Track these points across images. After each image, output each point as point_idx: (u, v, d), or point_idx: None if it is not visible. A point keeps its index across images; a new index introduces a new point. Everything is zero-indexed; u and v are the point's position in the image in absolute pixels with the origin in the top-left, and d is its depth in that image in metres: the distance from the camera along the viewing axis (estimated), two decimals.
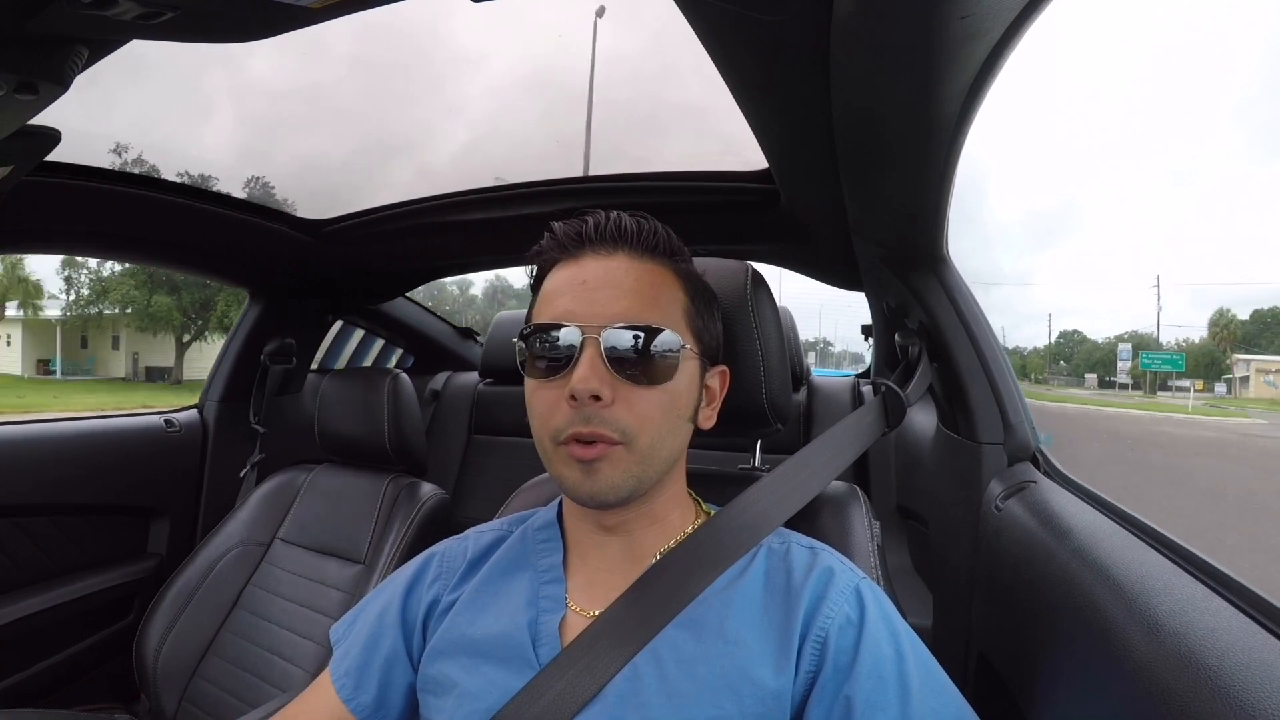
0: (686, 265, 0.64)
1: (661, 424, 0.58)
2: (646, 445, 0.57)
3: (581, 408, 0.55)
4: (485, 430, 2.16)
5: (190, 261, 1.66)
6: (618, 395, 0.56)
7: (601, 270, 0.59)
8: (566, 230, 0.61)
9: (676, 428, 0.60)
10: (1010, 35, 0.52)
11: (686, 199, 1.26)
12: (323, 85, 1.37)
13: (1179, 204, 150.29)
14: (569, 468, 0.57)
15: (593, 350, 0.56)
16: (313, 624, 1.25)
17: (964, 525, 1.01)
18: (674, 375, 0.58)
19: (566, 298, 0.58)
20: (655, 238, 0.61)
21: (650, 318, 0.57)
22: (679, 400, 0.59)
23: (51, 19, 0.58)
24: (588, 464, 0.56)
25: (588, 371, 0.55)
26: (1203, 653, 0.44)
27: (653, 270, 0.60)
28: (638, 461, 0.57)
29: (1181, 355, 28.11)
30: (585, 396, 0.54)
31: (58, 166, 1.14)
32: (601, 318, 0.56)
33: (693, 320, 0.61)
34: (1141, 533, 0.67)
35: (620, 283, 0.58)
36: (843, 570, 0.60)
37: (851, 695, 0.52)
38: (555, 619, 0.61)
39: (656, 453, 0.58)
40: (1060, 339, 54.48)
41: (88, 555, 1.52)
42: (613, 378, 0.55)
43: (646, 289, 0.59)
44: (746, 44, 0.63)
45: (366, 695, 0.65)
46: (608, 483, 0.56)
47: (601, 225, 0.60)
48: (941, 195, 0.84)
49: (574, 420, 0.56)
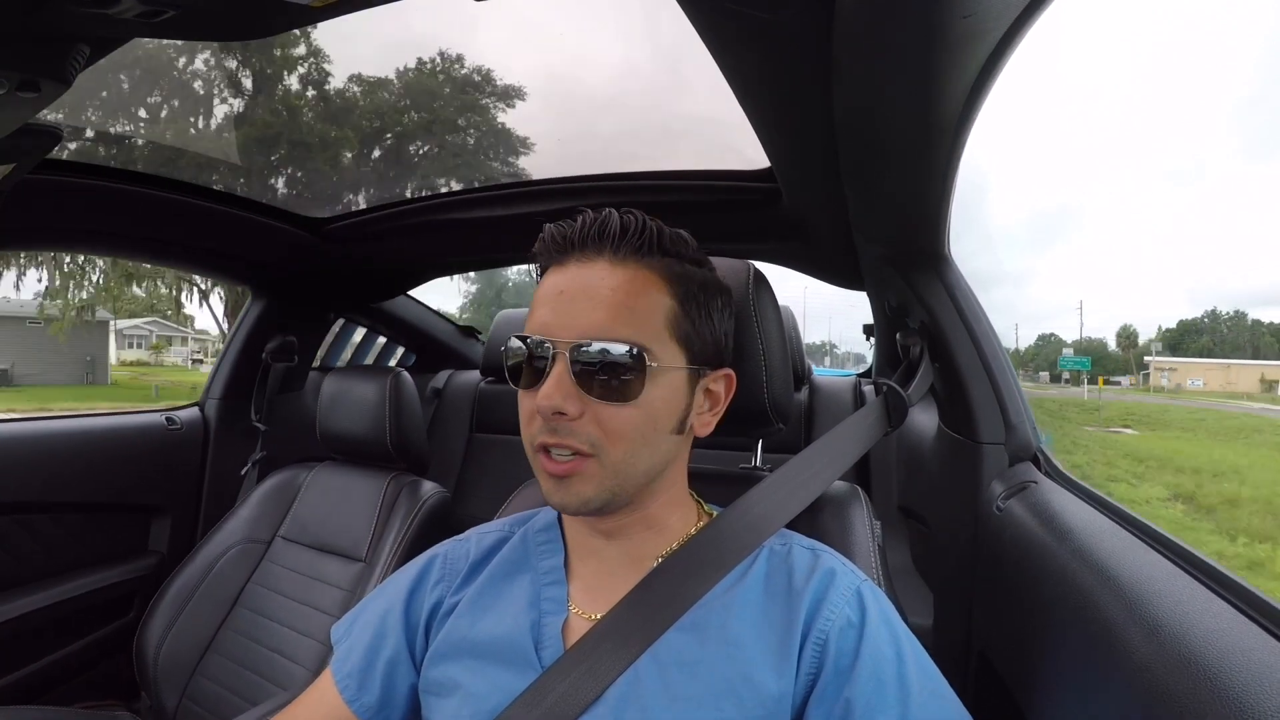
0: (680, 264, 0.60)
1: (634, 440, 0.56)
2: (618, 460, 0.56)
3: (548, 421, 0.55)
4: (486, 428, 2.16)
5: (192, 259, 1.66)
6: (587, 410, 0.55)
7: (581, 279, 0.58)
8: (554, 234, 0.60)
9: (653, 442, 0.58)
10: (1012, 34, 0.52)
11: (688, 198, 1.26)
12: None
13: (1177, 204, 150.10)
14: (544, 477, 0.58)
15: (560, 366, 0.55)
16: (313, 622, 1.26)
17: (965, 525, 1.01)
18: (641, 393, 0.56)
19: (545, 308, 0.58)
20: (641, 238, 0.58)
21: (623, 333, 0.55)
22: (655, 415, 0.57)
23: (53, 17, 0.58)
24: (558, 478, 0.56)
25: (552, 388, 0.55)
26: (1203, 654, 0.44)
27: (635, 276, 0.57)
28: (611, 475, 0.56)
29: (1088, 359, 36.61)
30: (548, 413, 0.55)
31: (59, 164, 1.14)
32: (572, 332, 0.56)
33: (678, 326, 0.59)
34: (1142, 534, 0.67)
35: (596, 294, 0.56)
36: (844, 572, 0.60)
37: (851, 698, 0.52)
38: (558, 621, 0.61)
39: (632, 466, 0.57)
40: (1039, 341, 62.74)
41: (88, 553, 1.52)
42: (580, 394, 0.55)
43: (623, 299, 0.56)
44: (748, 42, 0.63)
45: (370, 696, 0.65)
46: (578, 496, 0.56)
47: (586, 228, 0.59)
48: (943, 194, 0.84)
49: (545, 431, 0.56)
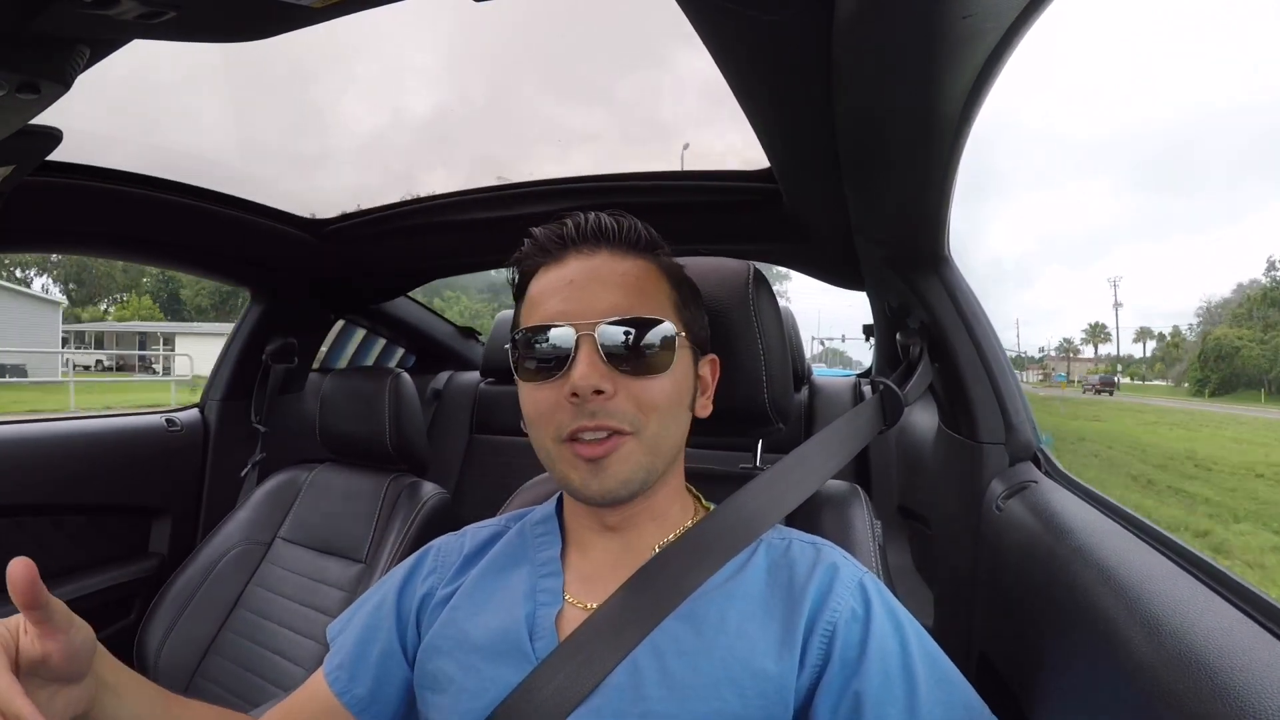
0: (668, 259, 0.65)
1: (666, 411, 0.58)
2: (654, 433, 0.58)
3: (584, 404, 0.55)
4: (486, 430, 2.16)
5: (192, 261, 1.66)
6: (619, 388, 0.56)
7: (587, 268, 0.60)
8: (548, 234, 0.62)
9: (679, 415, 0.61)
10: (1012, 34, 0.52)
11: (688, 198, 1.26)
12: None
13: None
14: (574, 468, 0.57)
15: (589, 347, 0.56)
16: (314, 623, 1.26)
17: (965, 525, 1.01)
18: (671, 364, 0.58)
19: (556, 298, 0.59)
20: (635, 233, 0.62)
21: (642, 310, 0.58)
22: (679, 388, 0.60)
23: (53, 18, 0.58)
24: (596, 462, 0.56)
25: (587, 368, 0.55)
26: (1203, 653, 0.44)
27: (637, 265, 0.61)
28: (647, 451, 0.58)
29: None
30: (588, 392, 0.55)
31: (59, 166, 1.14)
32: (594, 314, 0.57)
33: (681, 310, 0.63)
34: (1143, 533, 0.67)
35: (607, 279, 0.59)
36: (846, 565, 0.60)
37: (861, 690, 0.52)
38: (552, 612, 0.61)
39: (664, 440, 0.59)
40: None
41: (89, 555, 1.52)
42: (611, 372, 0.56)
43: (634, 283, 0.59)
44: (747, 43, 0.63)
45: (361, 688, 0.64)
46: (618, 478, 0.57)
47: (583, 225, 0.61)
48: (943, 195, 0.84)
49: (577, 416, 0.56)
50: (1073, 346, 49.14)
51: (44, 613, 0.44)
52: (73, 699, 0.47)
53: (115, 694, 0.52)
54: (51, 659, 0.45)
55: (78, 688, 0.48)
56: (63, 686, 0.47)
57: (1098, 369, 38.94)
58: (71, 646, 0.46)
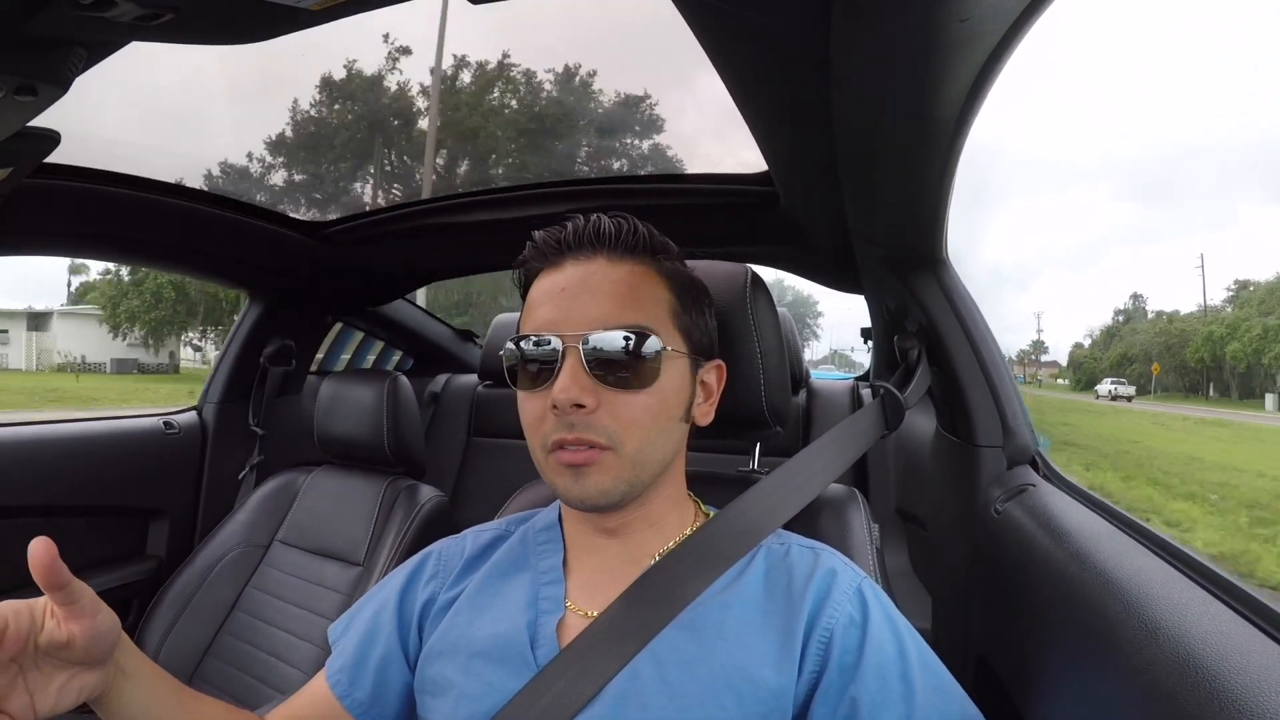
0: (671, 262, 0.64)
1: (650, 427, 0.58)
2: (635, 449, 0.57)
3: (564, 416, 0.55)
4: (484, 432, 2.16)
5: (190, 263, 1.65)
6: (602, 401, 0.56)
7: (581, 275, 0.59)
8: (546, 238, 0.62)
9: (667, 429, 0.60)
10: (1009, 38, 0.52)
11: (686, 201, 1.26)
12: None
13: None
14: (559, 475, 0.58)
15: (573, 359, 0.56)
16: (311, 626, 1.25)
17: (963, 528, 1.01)
18: (658, 377, 0.57)
19: (547, 306, 0.59)
20: (635, 237, 0.61)
21: (631, 320, 0.57)
22: (667, 401, 0.59)
23: (50, 20, 0.58)
24: (577, 469, 0.56)
25: (568, 381, 0.55)
26: (1201, 656, 0.44)
27: (634, 271, 0.60)
28: (628, 466, 0.57)
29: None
30: (566, 406, 0.55)
31: (57, 168, 1.14)
32: (581, 324, 0.57)
33: (679, 317, 0.61)
34: (1140, 536, 0.67)
35: (599, 287, 0.58)
36: (845, 570, 0.60)
37: (857, 696, 0.52)
38: (553, 620, 0.61)
39: (647, 456, 0.58)
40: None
41: (86, 557, 1.52)
42: (595, 385, 0.56)
43: (627, 291, 0.59)
44: (744, 45, 0.63)
45: (361, 692, 0.64)
46: (597, 488, 0.57)
47: (580, 230, 0.61)
48: (941, 197, 0.84)
49: (559, 428, 0.56)
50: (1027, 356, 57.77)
51: (68, 594, 0.45)
52: (89, 684, 0.48)
53: (131, 681, 0.53)
54: (75, 642, 0.46)
55: (96, 672, 0.49)
56: (81, 670, 0.48)
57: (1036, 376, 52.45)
58: (97, 632, 0.47)
